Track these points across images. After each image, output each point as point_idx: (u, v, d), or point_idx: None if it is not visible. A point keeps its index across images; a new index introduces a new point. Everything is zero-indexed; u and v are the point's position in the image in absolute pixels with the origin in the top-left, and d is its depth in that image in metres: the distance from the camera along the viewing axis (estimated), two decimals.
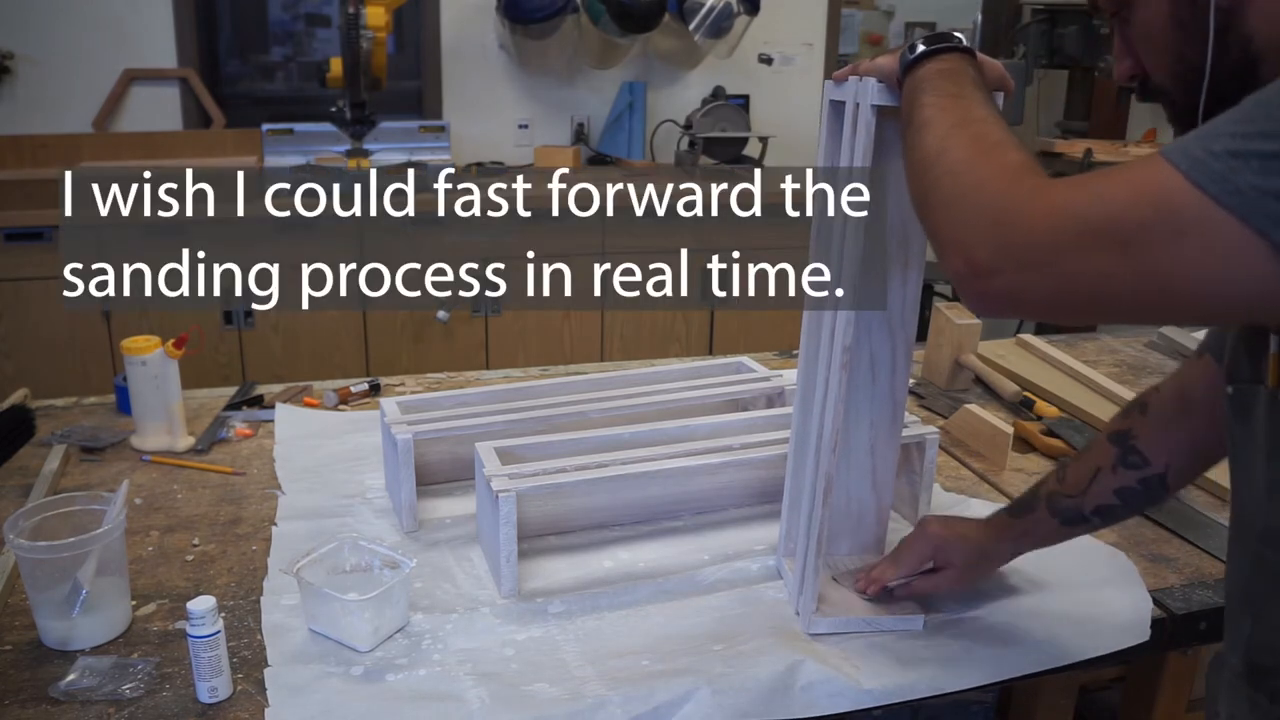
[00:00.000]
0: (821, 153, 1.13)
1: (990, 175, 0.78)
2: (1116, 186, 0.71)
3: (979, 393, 1.91)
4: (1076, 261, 0.71)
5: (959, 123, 0.84)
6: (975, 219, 0.76)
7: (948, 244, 0.78)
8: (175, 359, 1.60)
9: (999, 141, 0.81)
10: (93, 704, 1.01)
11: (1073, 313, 0.74)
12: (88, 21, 3.43)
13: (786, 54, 4.17)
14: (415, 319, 3.30)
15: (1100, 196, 0.71)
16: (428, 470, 1.47)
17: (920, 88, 0.91)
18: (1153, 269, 0.69)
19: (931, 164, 0.83)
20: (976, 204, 0.77)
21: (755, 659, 1.10)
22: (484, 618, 1.18)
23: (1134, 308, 0.74)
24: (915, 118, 0.89)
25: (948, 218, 0.79)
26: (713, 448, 1.35)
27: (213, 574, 1.26)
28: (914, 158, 0.86)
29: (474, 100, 3.87)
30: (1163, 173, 0.69)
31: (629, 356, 3.47)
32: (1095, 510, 1.14)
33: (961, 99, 0.87)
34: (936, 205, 0.81)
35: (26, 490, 1.44)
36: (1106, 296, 0.72)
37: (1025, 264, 0.73)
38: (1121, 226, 0.70)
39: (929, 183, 0.83)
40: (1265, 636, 0.85)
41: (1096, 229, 0.71)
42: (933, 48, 0.94)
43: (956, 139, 0.82)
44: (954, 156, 0.81)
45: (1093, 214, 0.71)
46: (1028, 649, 1.15)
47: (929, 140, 0.85)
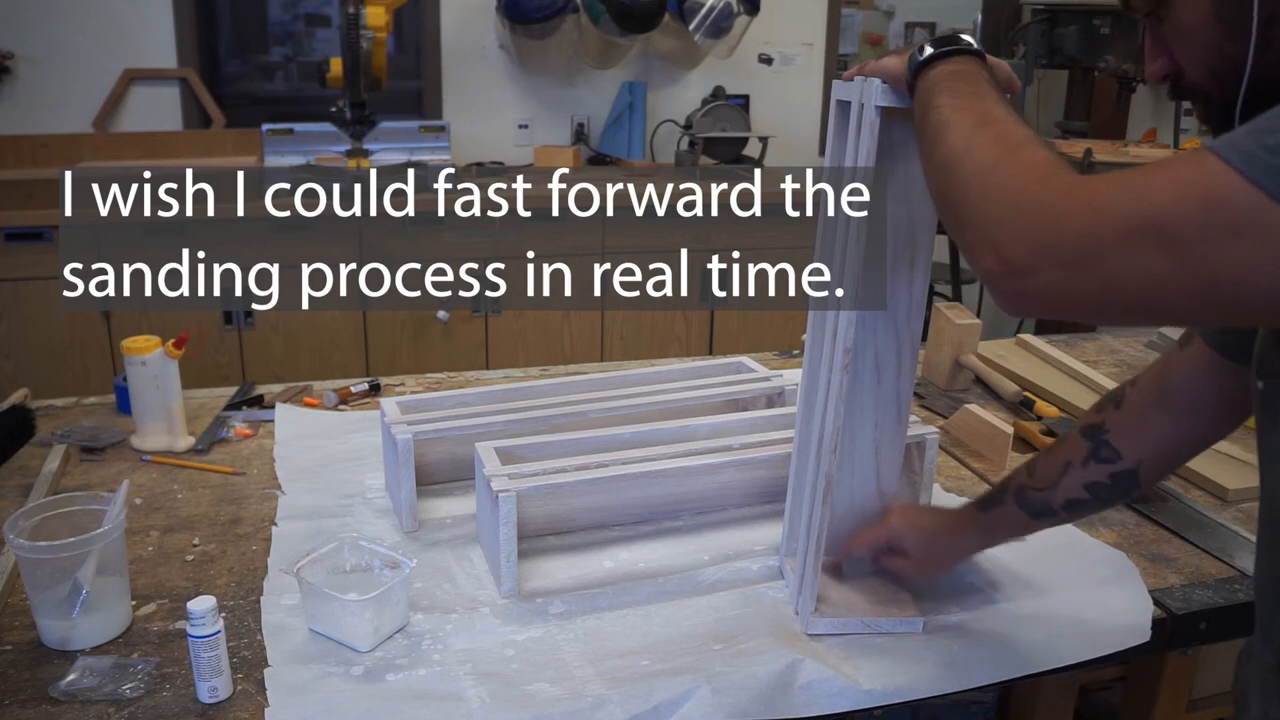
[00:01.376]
0: (828, 153, 1.13)
1: (1021, 172, 0.75)
2: (1161, 182, 0.68)
3: (979, 393, 1.91)
4: (1119, 260, 0.68)
5: (980, 122, 0.82)
6: (1009, 217, 0.73)
7: (979, 242, 0.75)
8: (175, 359, 1.60)
9: (1025, 138, 0.79)
10: (93, 704, 1.01)
11: (1113, 313, 0.71)
12: (88, 21, 3.43)
13: (786, 54, 4.17)
14: (415, 319, 3.30)
15: (1144, 192, 0.68)
16: (428, 470, 1.47)
17: (935, 89, 0.89)
18: (1202, 268, 0.66)
19: (957, 163, 0.80)
20: (1010, 202, 0.74)
21: (755, 658, 1.10)
22: (484, 618, 1.18)
23: (1180, 308, 0.70)
24: (932, 118, 0.87)
25: (979, 217, 0.76)
26: (713, 448, 1.35)
27: (213, 574, 1.26)
28: (936, 158, 0.84)
29: (474, 100, 3.87)
30: (1211, 168, 0.66)
31: (629, 356, 3.47)
32: (1064, 504, 1.13)
33: (979, 98, 0.85)
34: (965, 204, 0.78)
35: (26, 490, 1.44)
36: (1151, 297, 0.69)
37: (1064, 262, 0.70)
38: (1168, 223, 0.67)
39: (955, 182, 0.80)
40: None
41: (1141, 226, 0.67)
42: (943, 49, 0.92)
43: (980, 138, 0.80)
44: (980, 155, 0.79)
45: (1136, 210, 0.68)
46: (1028, 649, 1.15)
47: (951, 140, 0.82)
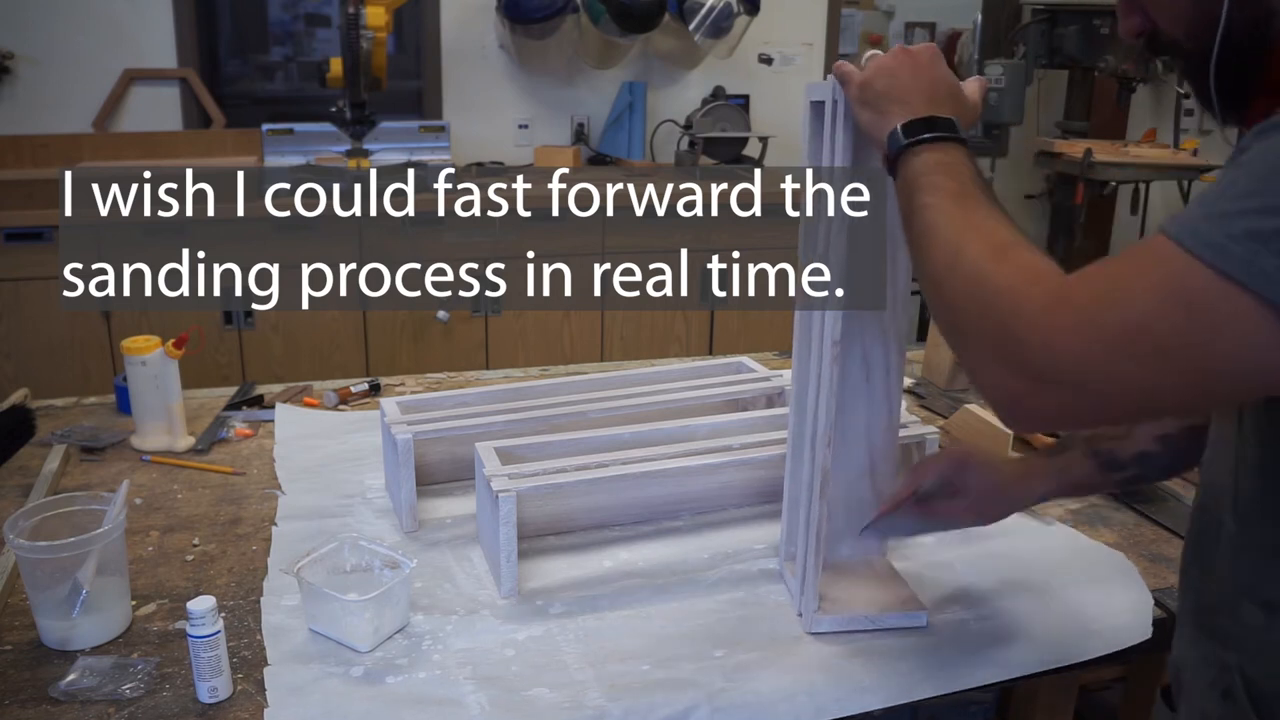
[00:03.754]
0: (806, 153, 1.13)
1: (1007, 286, 0.75)
2: (1136, 287, 0.69)
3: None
4: (1109, 377, 0.70)
5: (966, 226, 0.82)
6: (999, 345, 0.74)
7: (979, 375, 0.77)
8: (175, 359, 1.60)
9: (1009, 244, 0.79)
10: (93, 704, 1.01)
11: (1118, 421, 0.74)
12: (88, 21, 3.43)
13: (786, 54, 4.17)
14: (415, 319, 3.30)
15: (1122, 302, 0.69)
16: (428, 470, 1.47)
17: (918, 185, 0.88)
18: (1192, 369, 0.68)
19: (944, 278, 0.81)
20: (998, 325, 0.74)
21: (755, 673, 1.09)
22: (484, 618, 1.18)
23: (1180, 405, 0.75)
24: (917, 221, 0.86)
25: (973, 344, 0.78)
26: (713, 448, 1.35)
27: (213, 574, 1.26)
28: (925, 269, 0.84)
29: (474, 100, 3.86)
30: (1181, 265, 0.67)
31: (629, 356, 3.47)
32: (1135, 457, 1.11)
33: (964, 198, 0.85)
34: (959, 327, 0.79)
35: (26, 490, 1.44)
36: (1147, 402, 0.71)
37: (1058, 384, 0.71)
38: (1154, 334, 0.68)
39: (946, 298, 0.81)
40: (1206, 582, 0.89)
41: (1126, 340, 0.69)
42: (924, 137, 0.90)
43: (967, 249, 0.80)
44: (966, 270, 0.79)
45: (1119, 323, 0.69)
46: (1028, 649, 1.15)
47: (937, 252, 0.83)
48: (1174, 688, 0.96)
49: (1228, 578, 0.85)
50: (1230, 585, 0.85)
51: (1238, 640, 0.84)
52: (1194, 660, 0.90)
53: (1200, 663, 0.88)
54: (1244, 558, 0.83)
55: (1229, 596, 0.85)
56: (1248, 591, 0.82)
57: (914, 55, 0.96)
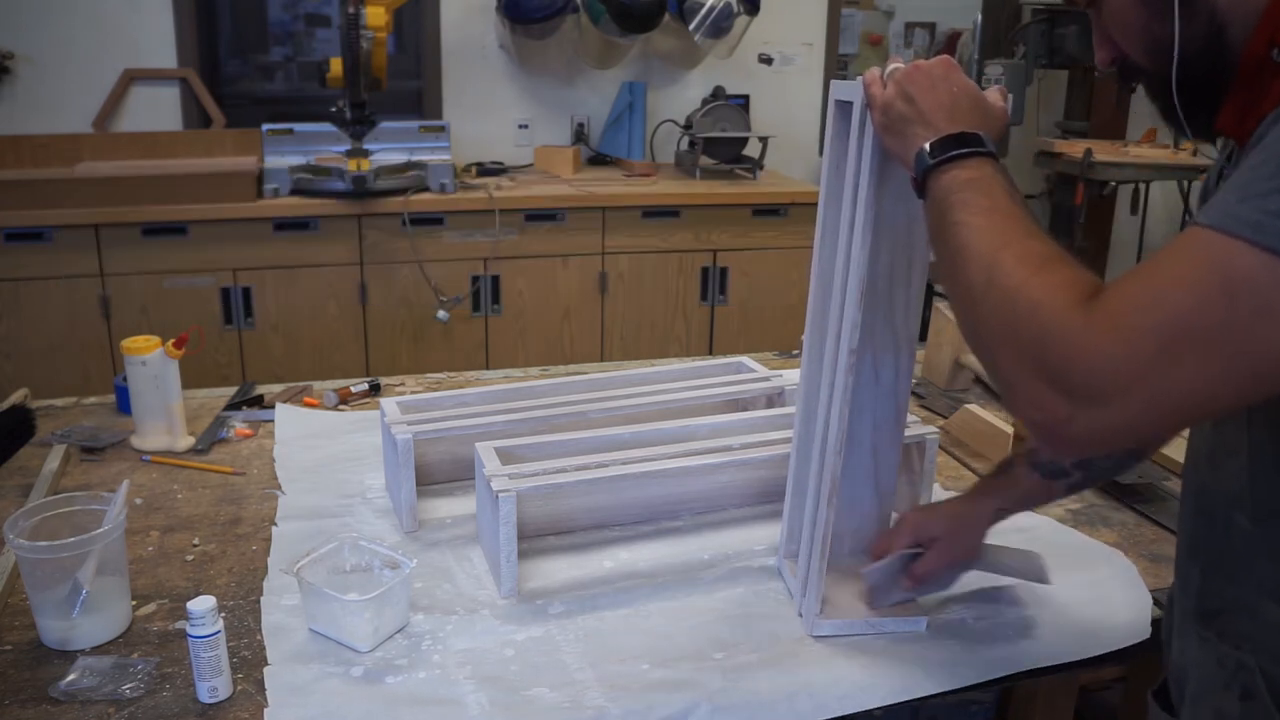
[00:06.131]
0: (826, 154, 1.13)
1: (1045, 303, 0.73)
2: (1172, 286, 0.67)
3: (979, 393, 1.91)
4: (1155, 385, 0.67)
5: (999, 243, 0.80)
6: (1039, 365, 0.72)
7: (1017, 397, 0.75)
8: (175, 359, 1.60)
9: (1045, 258, 0.77)
10: (93, 704, 1.01)
11: (1169, 430, 0.70)
12: (88, 21, 3.43)
13: (786, 54, 4.17)
14: (415, 319, 3.30)
15: (1159, 303, 0.67)
16: (428, 470, 1.47)
17: (949, 203, 0.85)
18: (1243, 358, 0.66)
19: (979, 298, 0.78)
20: (1036, 345, 0.72)
21: (755, 673, 1.09)
22: (484, 618, 1.18)
23: (1234, 402, 0.70)
24: (950, 241, 0.84)
25: (1012, 365, 0.75)
26: (713, 448, 1.35)
27: (213, 574, 1.26)
28: (959, 289, 0.82)
29: (474, 100, 3.87)
30: (1220, 250, 0.66)
31: (629, 356, 3.47)
32: (1075, 463, 1.12)
33: (996, 213, 0.82)
34: (995, 348, 0.77)
35: (26, 490, 1.44)
36: (1201, 403, 0.69)
37: (1104, 401, 0.69)
38: (1196, 328, 0.66)
39: (979, 318, 0.79)
40: (1212, 583, 0.89)
41: (1172, 340, 0.66)
42: (950, 154, 0.88)
43: (1001, 266, 0.78)
44: (1001, 289, 0.76)
45: (1157, 326, 0.67)
46: (1028, 649, 1.15)
47: (972, 271, 0.80)
48: (1174, 691, 0.96)
49: (1244, 578, 0.84)
50: (1248, 585, 0.84)
51: (1257, 640, 0.83)
52: (1202, 662, 0.89)
53: (1210, 665, 0.88)
54: (1263, 557, 0.83)
55: (1246, 597, 0.84)
56: (1271, 591, 0.82)
57: (928, 71, 0.94)
